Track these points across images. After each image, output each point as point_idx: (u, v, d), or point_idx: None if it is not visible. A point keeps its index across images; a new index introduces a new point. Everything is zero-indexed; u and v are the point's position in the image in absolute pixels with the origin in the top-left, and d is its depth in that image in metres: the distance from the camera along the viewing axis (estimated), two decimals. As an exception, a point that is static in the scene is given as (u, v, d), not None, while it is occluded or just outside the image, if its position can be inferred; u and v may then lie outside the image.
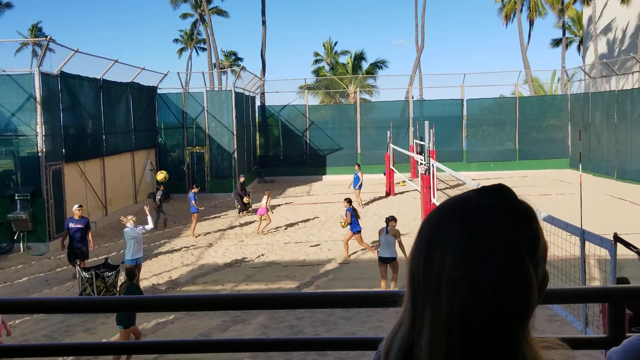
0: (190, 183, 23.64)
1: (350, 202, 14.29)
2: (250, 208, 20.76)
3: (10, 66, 16.12)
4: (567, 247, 7.48)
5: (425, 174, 14.58)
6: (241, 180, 21.07)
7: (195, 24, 56.22)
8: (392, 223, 11.26)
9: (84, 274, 11.21)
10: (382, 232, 11.17)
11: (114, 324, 9.31)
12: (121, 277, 11.63)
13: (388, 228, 11.10)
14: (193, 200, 17.38)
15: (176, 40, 59.37)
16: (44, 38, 16.43)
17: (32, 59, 24.82)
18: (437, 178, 15.40)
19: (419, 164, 15.93)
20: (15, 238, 15.70)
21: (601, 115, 27.22)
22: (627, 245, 6.00)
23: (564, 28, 46.87)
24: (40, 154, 15.81)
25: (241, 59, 59.70)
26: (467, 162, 30.23)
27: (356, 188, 21.20)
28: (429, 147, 15.31)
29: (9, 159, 16.44)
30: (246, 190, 21.45)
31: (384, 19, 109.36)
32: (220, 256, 14.77)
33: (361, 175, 21.37)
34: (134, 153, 22.85)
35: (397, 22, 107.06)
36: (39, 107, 15.77)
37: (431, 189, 14.07)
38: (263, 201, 17.58)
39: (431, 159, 14.39)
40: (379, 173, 26.33)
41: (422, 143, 21.04)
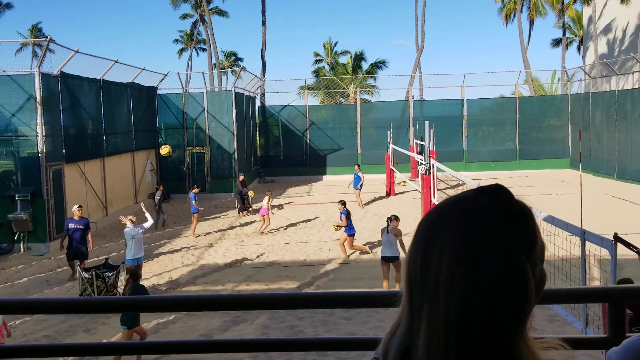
0: (190, 183, 23.67)
1: (344, 205, 14.28)
2: (250, 208, 20.78)
3: (10, 67, 16.12)
4: (568, 247, 7.49)
5: (425, 174, 14.58)
6: (240, 178, 21.09)
7: (195, 24, 56.22)
8: (394, 222, 11.28)
9: (85, 275, 11.21)
10: (384, 232, 11.19)
11: (115, 324, 9.31)
12: (121, 278, 11.63)
13: (390, 227, 11.12)
14: (193, 200, 17.39)
15: (176, 40, 59.39)
16: (44, 38, 16.42)
17: (32, 60, 24.75)
18: (438, 178, 15.40)
19: (419, 164, 15.93)
20: (15, 238, 15.70)
21: (601, 115, 27.21)
22: (628, 245, 6.00)
23: (564, 28, 46.87)
24: (40, 155, 15.82)
25: (241, 59, 59.74)
26: (468, 162, 30.22)
27: (357, 188, 21.21)
28: (429, 147, 15.30)
29: (9, 160, 16.44)
30: (246, 187, 21.48)
31: (384, 19, 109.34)
32: (220, 256, 14.77)
33: (362, 175, 21.38)
34: (134, 153, 22.85)
35: (397, 22, 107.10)
36: (39, 108, 15.78)
37: (431, 189, 14.07)
38: (264, 202, 17.58)
39: (431, 159, 14.39)
40: (380, 173, 26.34)
41: (423, 143, 21.03)
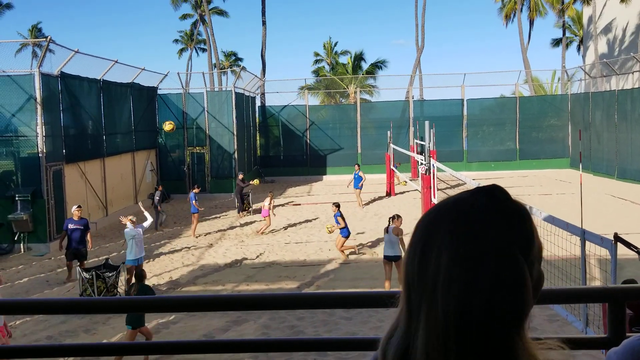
0: (190, 183, 23.68)
1: (338, 207, 14.28)
2: (250, 208, 20.78)
3: (10, 67, 16.12)
4: (568, 247, 7.49)
5: (425, 174, 14.58)
6: (240, 177, 21.12)
7: (195, 25, 56.21)
8: (396, 222, 11.24)
9: (85, 275, 11.22)
10: (386, 231, 11.18)
11: (115, 325, 9.32)
12: (122, 278, 11.64)
13: (391, 227, 11.10)
14: (193, 200, 17.40)
15: (176, 40, 59.38)
16: (44, 39, 16.43)
17: (32, 60, 24.78)
18: (438, 178, 15.40)
19: (420, 164, 15.93)
20: (15, 239, 15.71)
21: (601, 115, 27.21)
22: (628, 245, 6.00)
23: (564, 28, 46.86)
24: (40, 155, 15.82)
25: (241, 59, 59.72)
26: (468, 162, 30.22)
27: (357, 188, 21.20)
28: (430, 147, 15.30)
29: (10, 160, 16.45)
30: (246, 182, 21.44)
31: (384, 19, 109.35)
32: (220, 256, 14.77)
33: (363, 174, 21.37)
34: (135, 153, 22.86)
35: (397, 22, 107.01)
36: (39, 108, 15.78)
37: (432, 189, 14.07)
38: (266, 202, 17.57)
39: (432, 159, 14.39)
40: (380, 173, 26.33)
41: (423, 143, 21.03)
